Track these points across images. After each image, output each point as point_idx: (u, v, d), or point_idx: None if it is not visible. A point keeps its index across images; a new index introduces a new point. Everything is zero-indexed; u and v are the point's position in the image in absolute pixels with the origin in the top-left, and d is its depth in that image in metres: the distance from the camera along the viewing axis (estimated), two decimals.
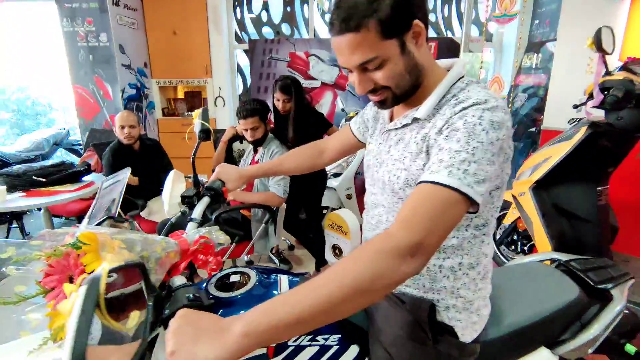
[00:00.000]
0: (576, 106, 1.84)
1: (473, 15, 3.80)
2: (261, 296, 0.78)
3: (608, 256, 1.77)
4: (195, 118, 1.14)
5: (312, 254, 2.55)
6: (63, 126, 4.54)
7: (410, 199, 0.62)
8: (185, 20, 3.80)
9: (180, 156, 3.13)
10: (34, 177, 2.31)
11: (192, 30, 3.83)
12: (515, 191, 2.03)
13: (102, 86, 3.58)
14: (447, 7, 3.92)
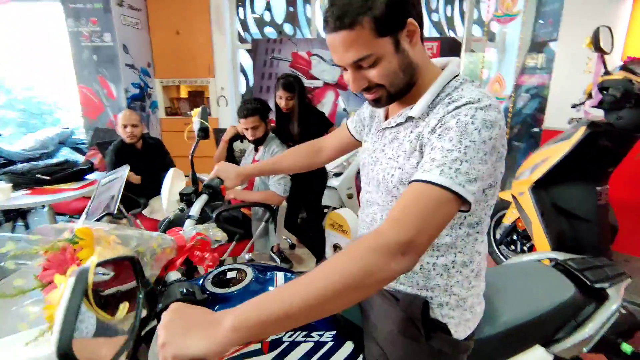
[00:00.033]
0: (574, 106, 1.83)
1: (476, 15, 3.79)
2: (257, 292, 0.78)
3: (607, 256, 1.76)
4: (194, 116, 1.16)
5: (313, 253, 2.56)
6: (68, 125, 4.58)
7: (402, 198, 0.62)
8: (188, 20, 3.82)
9: (183, 155, 3.13)
10: (38, 176, 2.34)
11: (195, 30, 3.85)
12: (514, 191, 2.02)
13: (106, 85, 3.62)
14: (450, 7, 3.91)
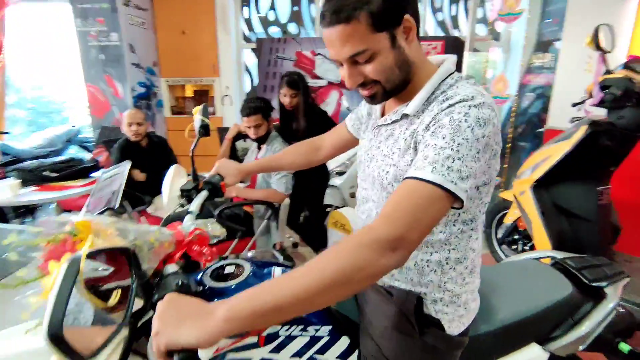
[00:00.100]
0: (575, 104, 1.82)
1: (481, 14, 3.77)
2: None
3: (608, 256, 1.74)
4: (195, 114, 1.18)
5: (315, 252, 2.57)
6: (76, 124, 4.64)
7: (394, 194, 0.63)
8: (194, 20, 3.85)
9: (188, 154, 3.17)
10: (45, 173, 2.38)
11: (201, 30, 3.88)
12: (515, 190, 2.01)
13: (113, 84, 3.66)
14: (455, 6, 3.90)
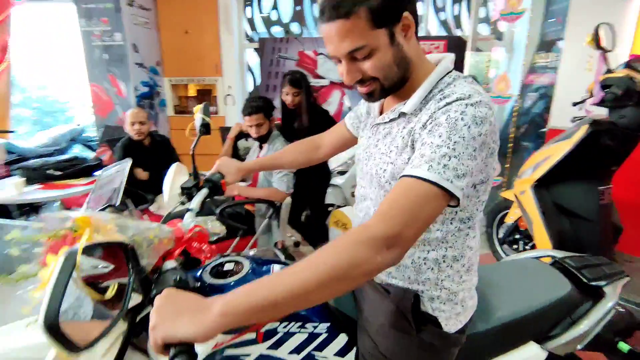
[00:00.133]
0: (576, 103, 1.81)
1: (483, 13, 3.76)
2: None
3: (609, 255, 1.73)
4: (196, 113, 1.19)
5: None
6: (79, 123, 4.67)
7: (391, 192, 0.63)
8: (197, 20, 3.86)
9: (190, 153, 3.19)
10: (49, 171, 2.41)
11: (204, 29, 3.90)
12: (516, 190, 2.01)
13: (116, 84, 3.68)
14: (457, 6, 3.89)
